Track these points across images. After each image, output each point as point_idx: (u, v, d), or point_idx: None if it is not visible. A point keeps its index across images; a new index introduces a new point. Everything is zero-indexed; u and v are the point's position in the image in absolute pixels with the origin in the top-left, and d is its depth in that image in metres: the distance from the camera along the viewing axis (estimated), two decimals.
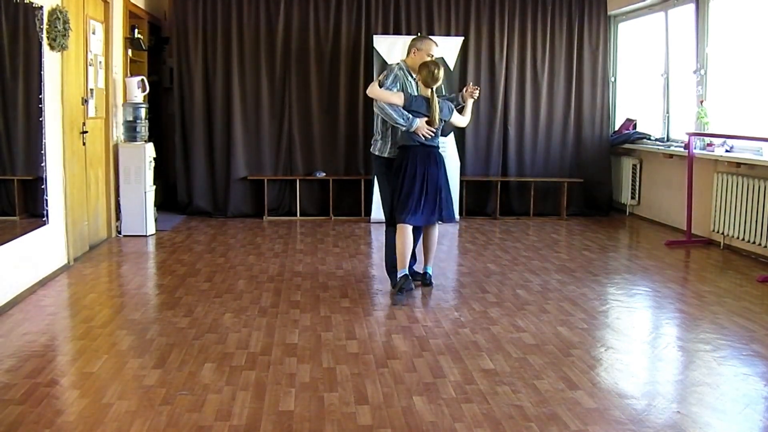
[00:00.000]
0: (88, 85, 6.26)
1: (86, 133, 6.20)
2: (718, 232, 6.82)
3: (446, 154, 7.99)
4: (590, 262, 6.27)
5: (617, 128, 8.87)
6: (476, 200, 8.67)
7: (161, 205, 8.16)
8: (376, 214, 7.89)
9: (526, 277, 5.68)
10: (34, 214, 5.24)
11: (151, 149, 7.19)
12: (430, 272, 5.33)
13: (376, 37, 8.06)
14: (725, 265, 6.25)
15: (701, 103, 7.07)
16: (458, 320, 4.52)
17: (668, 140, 7.98)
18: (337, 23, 8.28)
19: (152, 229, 7.17)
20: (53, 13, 5.27)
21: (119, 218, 7.05)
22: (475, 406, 3.24)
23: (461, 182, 8.32)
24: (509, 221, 8.36)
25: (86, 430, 2.94)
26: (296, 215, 8.34)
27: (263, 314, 4.57)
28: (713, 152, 6.84)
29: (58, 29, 5.31)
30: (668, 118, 8.03)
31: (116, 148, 7.01)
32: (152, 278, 5.75)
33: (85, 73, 6.19)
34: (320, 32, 8.27)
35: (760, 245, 6.24)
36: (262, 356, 3.82)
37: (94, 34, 6.45)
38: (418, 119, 4.91)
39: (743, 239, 6.44)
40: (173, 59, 8.33)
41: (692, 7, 7.24)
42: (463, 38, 8.23)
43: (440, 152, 5.11)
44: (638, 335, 4.43)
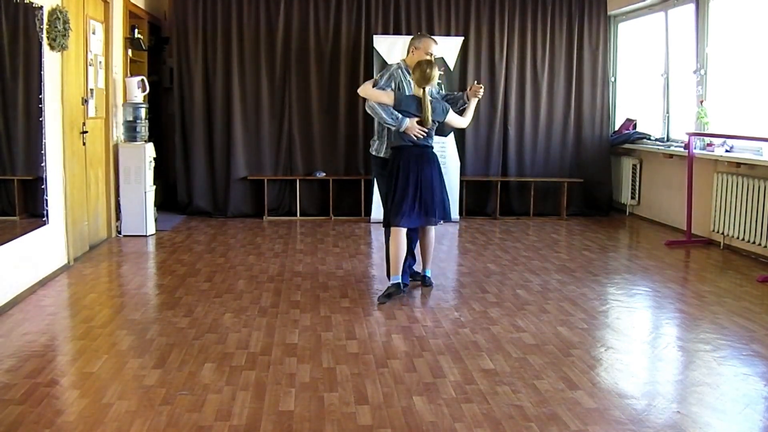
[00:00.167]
0: (88, 85, 6.27)
1: (86, 133, 6.20)
2: (718, 232, 6.82)
3: (446, 154, 8.07)
4: (590, 262, 6.27)
5: (617, 128, 8.88)
6: (476, 200, 8.68)
7: (161, 205, 8.16)
8: (376, 214, 7.89)
9: (526, 277, 5.68)
10: (34, 214, 5.24)
11: (151, 149, 7.19)
12: (429, 275, 5.30)
13: (376, 37, 8.06)
14: (725, 265, 6.25)
15: (701, 103, 7.07)
16: (458, 320, 4.52)
17: (668, 140, 7.98)
18: (337, 23, 8.28)
19: (152, 229, 7.17)
20: (53, 13, 5.27)
21: (119, 218, 7.05)
22: (475, 406, 3.24)
23: (461, 182, 8.32)
24: (509, 221, 8.36)
25: (86, 430, 2.95)
26: (296, 215, 8.34)
27: (263, 314, 4.57)
28: (713, 152, 6.84)
29: (58, 29, 5.32)
30: (668, 118, 8.03)
31: (116, 148, 7.01)
32: (152, 278, 5.75)
33: (85, 73, 6.19)
34: (320, 32, 8.27)
35: (760, 245, 6.24)
36: (262, 356, 3.82)
37: (94, 34, 6.45)
38: (407, 119, 4.84)
39: (743, 239, 6.44)
40: (173, 59, 8.34)
41: (692, 7, 7.24)
42: (463, 38, 8.23)
43: (434, 152, 5.02)
44: (638, 335, 4.43)
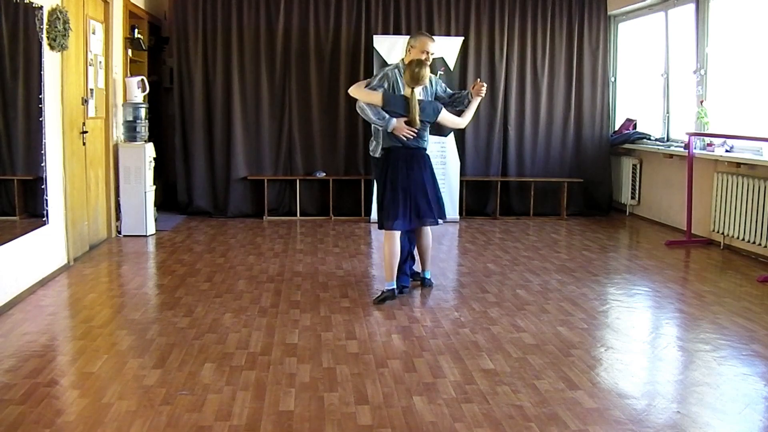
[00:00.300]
0: (88, 85, 6.26)
1: (86, 133, 6.20)
2: (718, 232, 6.82)
3: (446, 154, 8.08)
4: (590, 262, 6.27)
5: (617, 128, 8.88)
6: (476, 200, 8.68)
7: (161, 205, 8.16)
8: (376, 214, 7.88)
9: (526, 277, 5.68)
10: (34, 214, 5.24)
11: (151, 149, 7.19)
12: (428, 276, 5.28)
13: (376, 37, 8.06)
14: (725, 265, 6.25)
15: (701, 103, 7.07)
16: (458, 320, 4.52)
17: (668, 140, 7.98)
18: (337, 23, 8.28)
19: (152, 229, 7.17)
20: (53, 13, 5.27)
21: (119, 218, 7.05)
22: (475, 406, 3.24)
23: (461, 182, 8.32)
24: (509, 221, 8.36)
25: (86, 430, 2.95)
26: (296, 215, 8.34)
27: (263, 314, 4.57)
28: (713, 152, 6.84)
29: (58, 29, 5.32)
30: (668, 118, 8.03)
31: (116, 148, 7.01)
32: (152, 278, 5.75)
33: (85, 73, 6.19)
34: (320, 32, 8.27)
35: (760, 245, 6.24)
36: (262, 356, 3.82)
37: (94, 34, 6.45)
38: (394, 119, 4.79)
39: (743, 239, 6.44)
40: (173, 59, 8.33)
41: (692, 7, 7.24)
42: (463, 38, 8.23)
43: (426, 154, 4.95)
44: (638, 335, 4.43)
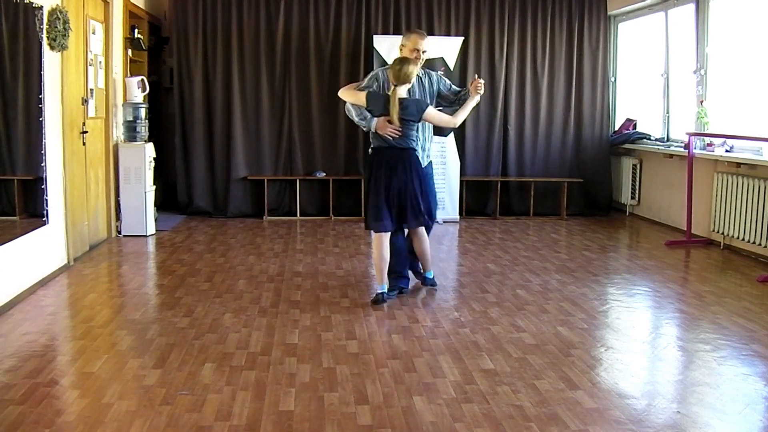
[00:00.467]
0: (88, 85, 6.26)
1: (86, 133, 6.20)
2: (718, 232, 6.82)
3: (446, 154, 8.08)
4: (590, 262, 6.26)
5: (617, 128, 8.88)
6: (476, 200, 8.68)
7: (161, 205, 8.16)
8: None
9: (526, 277, 5.68)
10: (34, 214, 5.24)
11: (151, 149, 7.19)
12: (431, 277, 5.24)
13: (376, 37, 8.06)
14: (725, 265, 6.25)
15: (701, 103, 7.07)
16: (458, 320, 4.52)
17: (668, 140, 7.97)
18: (337, 23, 8.28)
19: (152, 229, 7.17)
20: (53, 13, 5.27)
21: (119, 218, 7.04)
22: (475, 406, 3.24)
23: (461, 182, 8.32)
24: (509, 221, 8.36)
25: (86, 430, 2.95)
26: (296, 215, 8.34)
27: (263, 314, 4.57)
28: (713, 152, 6.84)
29: (58, 29, 5.31)
30: (668, 118, 8.03)
31: (116, 148, 7.01)
32: (152, 278, 5.75)
33: (85, 73, 6.19)
34: (320, 32, 8.27)
35: (760, 245, 6.24)
36: (262, 356, 3.82)
37: (94, 34, 6.45)
38: (375, 119, 4.73)
39: (743, 239, 6.44)
40: (173, 59, 8.33)
41: (692, 7, 7.24)
42: (463, 38, 8.23)
43: (414, 154, 4.81)
44: (638, 335, 4.42)
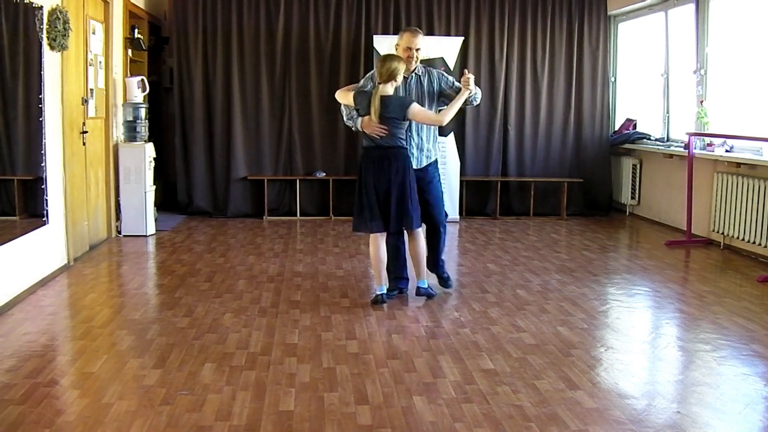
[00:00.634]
0: (88, 85, 6.26)
1: (86, 133, 6.20)
2: (718, 232, 6.82)
3: (446, 154, 8.07)
4: (590, 262, 6.26)
5: (617, 128, 8.88)
6: (476, 200, 8.68)
7: (161, 205, 8.16)
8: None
9: (526, 277, 5.68)
10: (34, 214, 5.24)
11: (151, 149, 7.19)
12: (424, 286, 4.93)
13: (376, 37, 8.05)
14: (725, 265, 6.25)
15: (701, 103, 7.07)
16: (458, 320, 4.52)
17: (668, 140, 7.97)
18: (337, 23, 8.28)
19: (152, 229, 7.17)
20: (53, 13, 5.27)
21: (119, 218, 7.04)
22: (475, 406, 3.24)
23: (461, 182, 8.33)
24: (509, 221, 8.36)
25: (86, 430, 2.95)
26: (296, 215, 8.34)
27: (263, 314, 4.57)
28: (713, 152, 6.84)
29: (58, 29, 5.31)
30: (668, 118, 8.03)
31: (116, 148, 7.01)
32: (152, 278, 5.75)
33: (85, 73, 6.19)
34: (320, 32, 8.27)
35: (760, 245, 6.24)
36: (262, 356, 3.82)
37: (94, 34, 6.45)
38: (360, 118, 4.70)
39: (743, 239, 6.44)
40: (173, 59, 8.33)
41: (692, 7, 7.24)
42: (463, 38, 8.23)
43: (403, 154, 4.67)
44: (638, 335, 4.42)
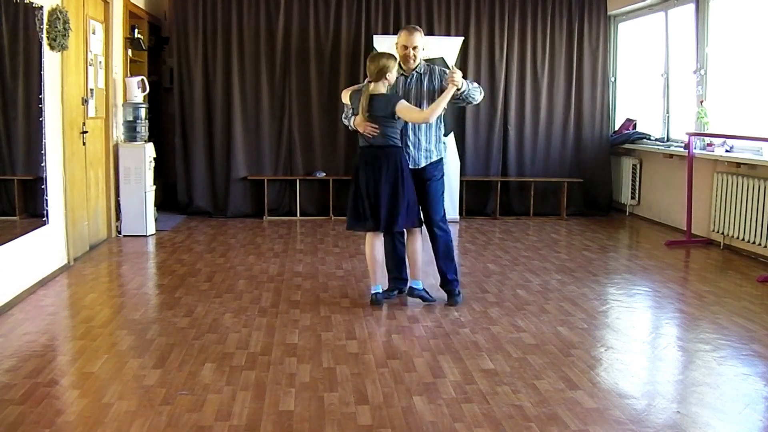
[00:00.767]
0: (88, 85, 6.26)
1: (86, 133, 6.20)
2: (718, 232, 6.82)
3: (446, 154, 8.04)
4: (590, 262, 6.26)
5: (617, 128, 8.88)
6: (476, 200, 8.68)
7: (161, 205, 8.16)
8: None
9: (526, 277, 5.68)
10: (34, 214, 5.24)
11: (151, 149, 7.19)
12: (418, 287, 4.81)
13: (376, 37, 8.05)
14: (725, 265, 6.25)
15: (701, 103, 7.07)
16: (458, 320, 4.52)
17: (668, 140, 7.98)
18: (337, 23, 8.28)
19: (152, 229, 7.17)
20: (53, 13, 5.27)
21: (119, 218, 7.04)
22: (475, 406, 3.24)
23: (461, 182, 8.32)
24: (509, 221, 8.36)
25: (86, 430, 2.94)
26: (296, 215, 8.34)
27: (263, 314, 4.57)
28: (713, 152, 6.84)
29: (58, 29, 5.31)
30: (668, 118, 8.03)
31: (116, 148, 7.01)
32: (152, 278, 5.75)
33: (85, 73, 6.19)
34: (320, 32, 8.28)
35: (760, 245, 6.24)
36: (262, 356, 3.82)
37: (94, 34, 6.45)
38: (353, 117, 4.73)
39: (743, 239, 6.44)
40: (173, 59, 8.33)
41: (692, 7, 7.24)
42: (463, 38, 8.23)
43: (397, 152, 4.62)
44: (638, 335, 4.43)
